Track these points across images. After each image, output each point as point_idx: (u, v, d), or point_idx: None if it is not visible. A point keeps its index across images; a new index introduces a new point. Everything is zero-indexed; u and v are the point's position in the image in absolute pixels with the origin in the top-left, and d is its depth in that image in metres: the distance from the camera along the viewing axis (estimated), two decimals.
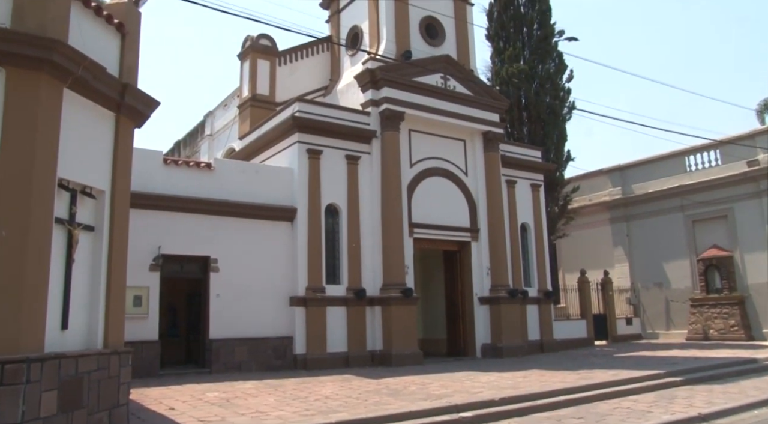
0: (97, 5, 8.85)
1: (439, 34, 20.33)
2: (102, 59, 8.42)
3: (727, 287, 24.05)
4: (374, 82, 17.94)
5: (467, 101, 19.49)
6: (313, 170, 16.58)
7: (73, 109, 8.00)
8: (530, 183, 21.86)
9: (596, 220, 28.73)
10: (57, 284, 7.56)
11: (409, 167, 18.34)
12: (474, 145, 19.98)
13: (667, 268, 26.44)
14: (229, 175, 15.80)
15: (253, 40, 20.84)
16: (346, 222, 17.04)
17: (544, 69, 25.61)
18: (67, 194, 8.02)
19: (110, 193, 8.80)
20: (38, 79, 7.36)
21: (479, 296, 19.17)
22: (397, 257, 17.00)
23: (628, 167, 28.45)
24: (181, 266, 15.16)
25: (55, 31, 7.52)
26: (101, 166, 8.74)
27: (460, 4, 21.06)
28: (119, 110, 9.00)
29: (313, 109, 17.11)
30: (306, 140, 16.62)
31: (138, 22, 9.77)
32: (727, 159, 24.83)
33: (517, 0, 26.39)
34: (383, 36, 19.09)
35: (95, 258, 8.50)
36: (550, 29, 26.03)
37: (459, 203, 19.45)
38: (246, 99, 20.88)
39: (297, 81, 21.10)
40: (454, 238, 19.28)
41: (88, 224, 8.37)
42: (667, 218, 26.37)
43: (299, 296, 15.75)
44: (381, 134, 17.72)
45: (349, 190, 17.20)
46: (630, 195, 27.86)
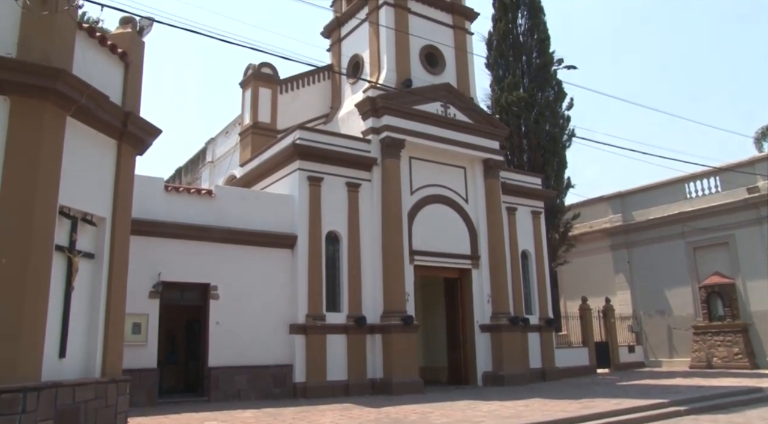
0: (101, 35, 8.98)
1: (440, 62, 20.55)
2: (105, 88, 8.52)
3: (730, 314, 23.90)
4: (375, 110, 18.08)
5: (467, 129, 19.61)
6: (314, 198, 16.61)
7: (76, 137, 8.06)
8: (531, 210, 21.88)
9: (597, 247, 28.68)
10: (56, 312, 7.54)
11: (410, 194, 18.38)
12: (474, 173, 20.05)
13: (669, 295, 26.31)
14: (229, 202, 15.83)
15: (255, 68, 21.06)
16: (346, 249, 17.02)
17: (544, 97, 25.83)
18: (68, 222, 8.05)
19: (111, 220, 8.83)
20: (42, 107, 7.45)
21: (480, 324, 19.05)
22: (397, 285, 16.94)
23: (629, 194, 28.50)
24: (181, 293, 15.10)
25: (59, 60, 7.62)
26: (102, 193, 8.78)
27: (460, 34, 21.33)
28: (121, 138, 9.08)
29: (314, 136, 17.21)
30: (307, 168, 16.68)
31: (141, 51, 9.90)
32: (727, 186, 24.88)
33: (516, 29, 26.73)
34: (384, 65, 19.30)
35: (95, 285, 8.49)
36: (549, 57, 26.31)
37: (459, 230, 19.44)
38: (247, 126, 21.02)
39: (298, 109, 21.26)
40: (455, 265, 19.23)
41: (88, 251, 8.38)
42: (668, 244, 26.32)
43: (299, 323, 15.66)
44: (381, 162, 17.80)
45: (350, 217, 17.21)
46: (631, 222, 27.85)
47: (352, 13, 21.40)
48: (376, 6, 19.90)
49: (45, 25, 7.60)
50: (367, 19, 20.33)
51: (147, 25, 10.38)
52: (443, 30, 21.00)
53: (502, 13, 26.74)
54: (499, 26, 26.68)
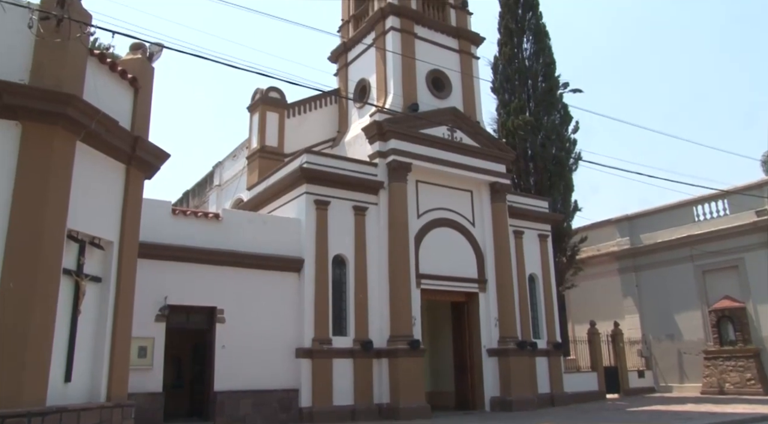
0: (112, 61, 9.12)
1: (446, 86, 20.69)
2: (115, 113, 8.63)
3: (742, 339, 23.59)
4: (381, 134, 18.18)
5: (474, 153, 19.67)
6: (321, 221, 16.64)
7: (85, 162, 8.14)
8: (538, 233, 21.82)
9: (605, 270, 28.49)
10: (62, 337, 7.54)
11: (417, 218, 18.39)
12: (481, 196, 20.06)
13: (679, 319, 26.04)
14: (237, 225, 15.87)
15: (263, 92, 21.24)
16: (353, 273, 16.99)
17: (550, 120, 25.91)
18: (76, 245, 8.09)
19: (119, 244, 8.87)
20: (53, 132, 7.54)
21: (487, 348, 18.90)
22: (404, 308, 16.86)
23: (636, 217, 28.38)
24: (187, 316, 15.08)
25: (71, 86, 7.73)
26: (111, 217, 8.84)
27: (466, 58, 21.50)
28: (130, 162, 9.16)
29: (321, 160, 17.29)
30: (314, 191, 16.74)
31: (151, 77, 10.03)
32: (735, 209, 24.75)
33: (522, 53, 26.91)
34: (390, 89, 19.45)
35: (101, 309, 8.50)
36: (555, 81, 26.44)
37: (466, 254, 19.39)
38: (255, 150, 21.15)
39: (305, 133, 21.39)
40: (462, 289, 19.15)
41: (95, 275, 8.41)
42: (677, 268, 26.12)
43: (305, 347, 15.58)
44: (388, 185, 17.85)
45: (357, 241, 17.21)
46: (638, 245, 27.68)
47: (358, 38, 21.64)
48: (383, 31, 20.12)
49: (57, 52, 7.74)
50: (374, 44, 20.54)
51: (157, 51, 10.52)
52: (449, 55, 21.18)
53: (507, 38, 26.95)
54: (504, 51, 26.87)
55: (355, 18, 22.46)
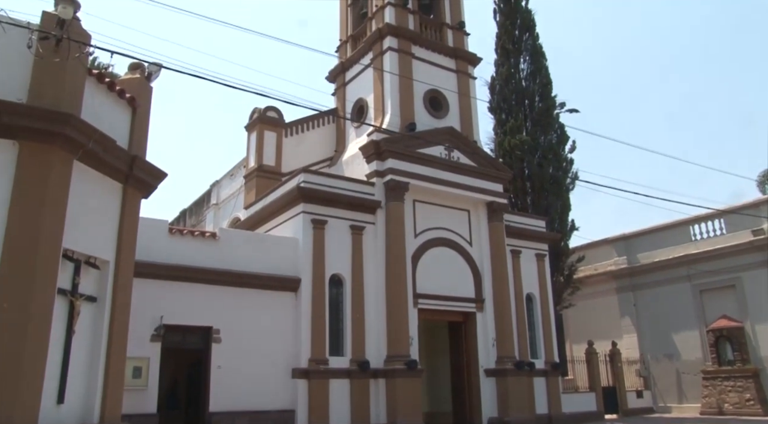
0: (110, 81, 9.15)
1: (443, 106, 20.80)
2: (113, 132, 8.64)
3: (740, 358, 23.49)
4: (379, 154, 18.22)
5: (471, 172, 19.72)
6: (318, 240, 16.61)
7: (82, 181, 8.13)
8: (535, 253, 21.80)
9: (602, 289, 28.45)
10: (56, 358, 7.47)
11: (414, 237, 18.37)
12: (478, 216, 20.07)
13: (677, 338, 25.95)
14: (233, 245, 15.82)
15: (261, 111, 21.31)
16: (350, 293, 16.92)
17: (547, 140, 26.03)
18: (71, 265, 8.04)
19: (114, 263, 8.83)
20: (50, 151, 7.54)
21: (485, 368, 18.79)
22: (401, 328, 16.77)
23: (633, 237, 28.40)
24: (183, 336, 14.96)
25: (69, 105, 7.75)
26: (107, 236, 8.80)
27: (463, 78, 21.65)
28: (127, 181, 9.15)
29: (318, 179, 17.31)
30: (311, 211, 16.73)
31: (149, 96, 10.07)
32: (731, 228, 24.79)
33: (519, 74, 27.13)
34: (388, 109, 19.54)
35: (96, 329, 8.44)
36: (552, 101, 26.62)
37: (464, 274, 19.35)
38: (252, 169, 21.17)
39: (303, 152, 21.43)
40: (459, 308, 19.08)
41: (90, 294, 8.36)
42: (674, 287, 26.09)
43: (302, 367, 15.46)
44: (385, 205, 17.85)
45: (354, 260, 17.16)
46: (636, 265, 27.67)
47: (356, 58, 21.78)
48: (380, 52, 20.26)
49: (56, 72, 7.77)
50: (372, 65, 20.68)
51: (155, 71, 10.56)
52: (446, 75, 21.32)
53: (504, 59, 27.19)
54: (501, 71, 27.09)
55: (353, 38, 22.63)
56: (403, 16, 20.69)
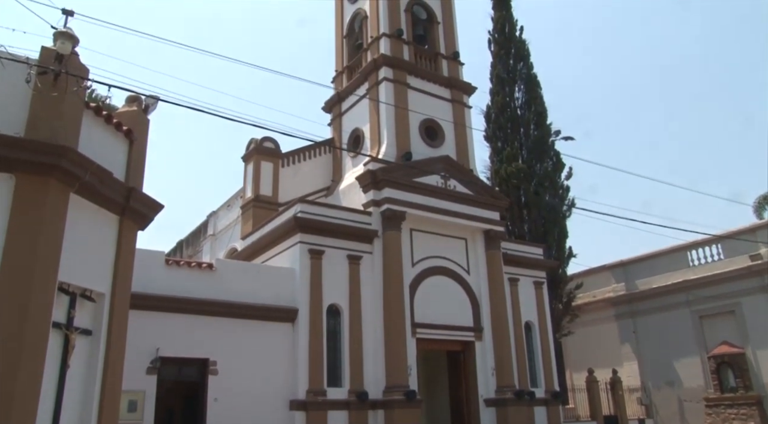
0: (107, 114, 9.21)
1: (439, 135, 20.94)
2: (109, 164, 8.66)
3: (742, 385, 23.27)
4: (375, 183, 18.28)
5: (468, 200, 19.76)
6: (315, 271, 16.55)
7: (78, 213, 8.12)
8: (533, 281, 21.74)
9: (601, 317, 28.32)
10: (49, 393, 7.37)
11: (411, 266, 18.32)
12: (475, 244, 20.06)
13: (678, 366, 25.74)
14: (230, 275, 15.75)
15: (257, 142, 21.38)
16: (347, 323, 16.80)
17: (543, 168, 26.21)
18: (67, 298, 7.99)
19: (110, 296, 8.77)
20: (47, 184, 7.55)
21: (485, 398, 18.57)
22: (399, 358, 16.62)
23: (631, 263, 28.36)
24: (179, 368, 14.79)
25: (66, 138, 7.79)
26: (103, 269, 8.76)
27: (459, 107, 21.83)
28: (123, 213, 9.14)
29: (315, 209, 17.32)
30: (308, 241, 16.70)
31: (146, 128, 10.12)
32: (729, 253, 24.78)
33: (514, 102, 27.44)
34: (384, 138, 19.66)
35: (91, 363, 8.34)
36: (547, 129, 26.87)
37: (462, 302, 19.26)
38: (249, 199, 21.17)
39: (300, 182, 21.47)
40: (458, 337, 18.94)
41: (85, 328, 8.29)
42: (674, 313, 25.97)
43: (299, 399, 15.27)
44: (382, 234, 17.84)
45: (351, 290, 17.09)
46: (634, 291, 27.59)
47: (352, 88, 21.99)
48: (376, 82, 20.47)
49: (54, 106, 7.82)
50: (367, 95, 20.86)
51: (152, 103, 10.63)
52: (442, 104, 21.52)
53: (499, 88, 27.52)
54: (496, 100, 27.39)
55: (349, 69, 22.88)
56: (398, 46, 20.96)
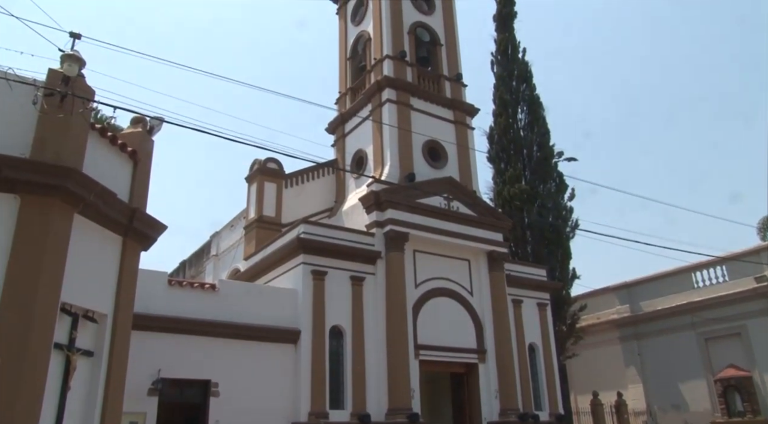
0: (112, 135, 9.27)
1: (442, 156, 21.00)
2: (114, 185, 8.70)
3: (750, 409, 22.92)
4: (378, 204, 18.29)
5: (471, 222, 19.74)
6: (318, 292, 16.50)
7: (82, 233, 8.14)
8: (536, 302, 21.63)
9: (606, 338, 28.08)
10: (50, 415, 7.34)
11: (414, 288, 18.26)
12: (479, 265, 20.00)
13: (684, 389, 25.45)
14: (233, 296, 15.72)
15: (261, 163, 21.46)
16: (350, 344, 16.71)
17: (546, 189, 26.20)
18: (69, 319, 7.98)
19: (112, 317, 8.76)
20: (51, 205, 7.58)
21: (488, 421, 18.35)
22: (402, 380, 16.49)
23: (635, 284, 28.18)
24: (181, 390, 14.69)
25: (71, 159, 7.83)
26: (105, 289, 8.76)
27: (462, 129, 21.92)
28: (127, 234, 9.16)
29: (318, 230, 17.32)
30: (311, 261, 16.68)
31: (150, 150, 10.18)
32: (734, 275, 24.63)
33: (517, 124, 27.52)
34: (387, 160, 19.71)
35: (92, 384, 8.30)
36: (550, 151, 26.91)
37: (465, 324, 19.14)
38: (252, 220, 21.20)
39: (303, 203, 21.51)
40: (461, 359, 18.80)
41: (87, 349, 8.26)
42: (679, 335, 25.74)
43: (302, 422, 15.12)
44: (385, 255, 17.81)
45: (354, 311, 17.01)
46: (639, 313, 27.38)
47: (355, 110, 22.11)
48: (380, 103, 20.60)
49: (59, 127, 7.88)
50: (371, 116, 20.97)
51: (157, 125, 10.72)
52: (445, 125, 21.61)
53: (502, 109, 27.62)
54: (499, 121, 27.48)
55: (353, 90, 23.04)
56: (401, 68, 21.13)
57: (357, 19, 23.95)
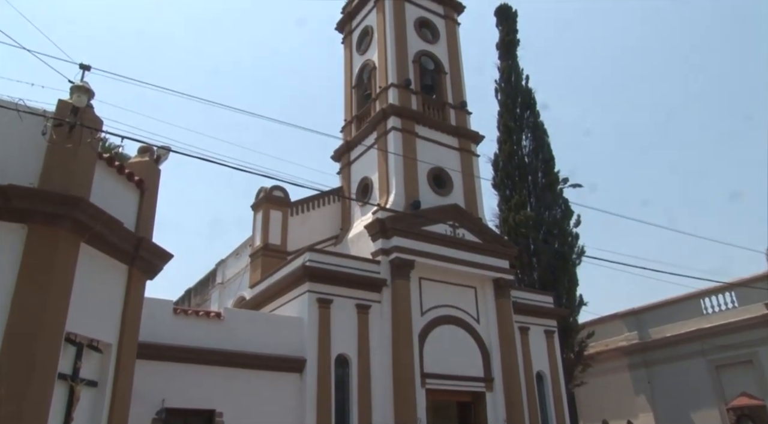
0: (119, 164, 9.34)
1: (447, 183, 21.04)
2: (120, 213, 8.73)
3: None
4: (384, 232, 18.29)
5: (476, 249, 19.69)
6: (323, 320, 16.41)
7: (88, 263, 8.15)
8: (544, 329, 21.44)
9: (614, 366, 27.73)
10: None
11: (420, 316, 18.14)
12: (485, 293, 19.89)
13: (696, 418, 25.00)
14: (238, 325, 15.64)
15: (267, 191, 21.53)
16: (356, 373, 16.55)
17: (551, 215, 26.17)
18: (74, 349, 7.95)
19: (117, 346, 8.72)
20: (58, 234, 7.60)
21: None
22: (409, 410, 16.29)
23: (643, 311, 27.88)
24: (185, 420, 14.50)
25: (78, 188, 7.88)
26: (110, 319, 8.74)
27: (466, 156, 21.99)
28: (133, 263, 9.16)
29: (324, 258, 17.30)
30: (316, 289, 16.63)
31: (157, 179, 10.24)
32: (743, 301, 24.35)
33: (521, 150, 27.63)
34: (392, 187, 19.76)
35: (95, 415, 8.24)
36: (555, 177, 26.95)
37: (472, 352, 18.97)
38: (258, 248, 21.19)
39: (308, 230, 21.51)
40: (468, 388, 18.58)
41: (91, 379, 8.21)
42: (689, 363, 25.38)
43: None
44: (391, 283, 17.75)
45: (360, 340, 16.90)
46: (647, 340, 27.05)
47: (361, 138, 22.25)
48: (385, 131, 20.72)
49: (67, 157, 7.95)
50: (376, 144, 21.08)
51: (164, 154, 10.79)
52: (450, 152, 21.69)
53: (506, 136, 27.76)
54: (504, 148, 27.59)
55: (358, 118, 23.20)
56: (406, 96, 21.30)
57: (362, 48, 24.25)
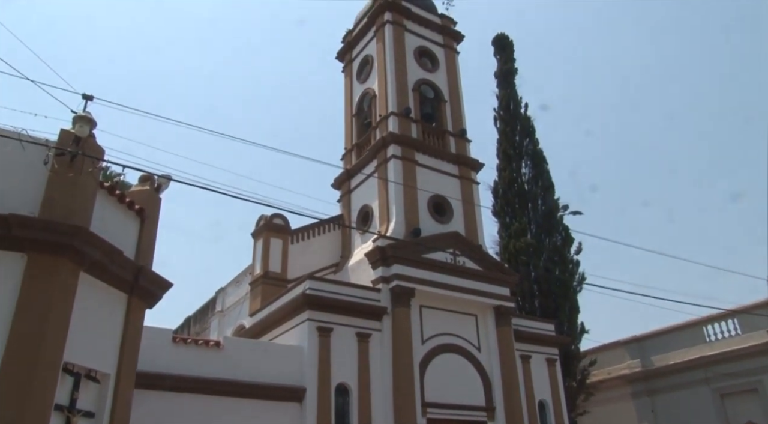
0: (120, 193, 9.37)
1: (447, 211, 21.06)
2: (120, 242, 8.74)
3: None
4: (384, 260, 18.26)
5: (477, 276, 19.64)
6: (324, 348, 16.30)
7: (87, 292, 8.14)
8: (545, 357, 21.26)
9: (618, 394, 27.40)
10: None
11: (421, 344, 18.02)
12: (486, 320, 19.78)
13: None
14: (238, 353, 15.53)
15: (267, 219, 21.54)
16: (356, 402, 16.38)
17: (551, 242, 26.14)
18: (71, 379, 7.88)
19: (115, 376, 8.65)
20: (58, 263, 7.60)
21: None
22: None
23: (646, 338, 27.64)
24: None
25: (79, 218, 7.90)
26: (109, 348, 8.69)
27: (467, 183, 22.06)
28: (132, 292, 9.14)
29: (324, 286, 17.24)
30: (316, 318, 16.54)
31: (158, 207, 10.27)
32: (746, 329, 24.17)
33: (521, 178, 27.73)
34: (393, 215, 19.79)
35: None
36: (555, 204, 26.99)
37: (473, 381, 18.79)
38: (258, 276, 21.13)
39: (309, 258, 21.47)
40: (470, 417, 18.34)
41: (88, 410, 8.13)
42: (693, 391, 25.08)
43: None
44: (392, 311, 17.66)
45: (360, 368, 16.75)
46: (650, 368, 26.77)
47: (361, 166, 22.34)
48: (385, 159, 20.82)
49: (68, 186, 7.99)
50: (376, 172, 21.17)
51: (164, 183, 10.84)
52: (450, 180, 21.76)
53: (506, 163, 27.89)
54: (504, 175, 27.70)
55: (358, 146, 23.33)
56: (406, 125, 21.44)
57: (362, 77, 24.49)
